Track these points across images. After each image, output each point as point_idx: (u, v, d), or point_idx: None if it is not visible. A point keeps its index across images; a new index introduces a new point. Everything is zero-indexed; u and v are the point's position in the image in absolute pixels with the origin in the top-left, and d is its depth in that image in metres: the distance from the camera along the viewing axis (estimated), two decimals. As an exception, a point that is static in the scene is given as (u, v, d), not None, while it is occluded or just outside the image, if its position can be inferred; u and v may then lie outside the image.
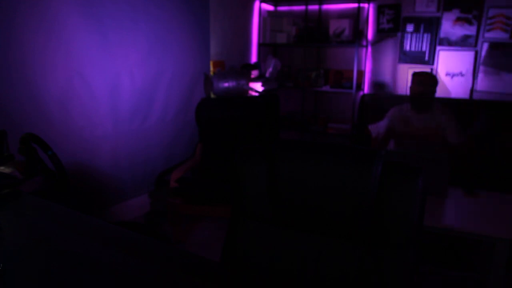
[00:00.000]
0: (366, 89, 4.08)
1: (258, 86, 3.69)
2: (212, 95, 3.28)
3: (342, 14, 4.05)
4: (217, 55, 3.61)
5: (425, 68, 3.75)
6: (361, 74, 4.04)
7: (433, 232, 1.94)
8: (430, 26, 3.66)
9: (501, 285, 1.85)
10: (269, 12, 4.36)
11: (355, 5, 3.88)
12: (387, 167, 1.01)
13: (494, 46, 3.46)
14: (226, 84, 3.19)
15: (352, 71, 3.98)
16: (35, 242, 0.93)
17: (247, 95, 3.46)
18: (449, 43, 3.62)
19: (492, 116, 3.08)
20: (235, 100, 3.14)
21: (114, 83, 2.65)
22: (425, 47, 3.71)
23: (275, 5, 4.37)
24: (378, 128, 2.91)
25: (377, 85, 4.04)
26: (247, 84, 3.53)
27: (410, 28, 3.74)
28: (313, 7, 4.18)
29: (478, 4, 3.45)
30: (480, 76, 3.56)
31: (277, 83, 4.20)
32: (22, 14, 2.09)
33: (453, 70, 3.66)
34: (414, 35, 3.74)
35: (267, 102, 3.13)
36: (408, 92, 3.83)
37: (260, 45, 4.26)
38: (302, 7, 4.23)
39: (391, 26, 3.83)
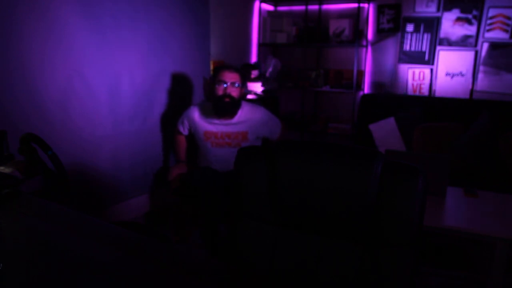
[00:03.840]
0: (366, 89, 4.08)
1: (258, 86, 3.69)
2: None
3: (342, 14, 4.05)
4: (217, 55, 3.61)
5: (425, 68, 3.75)
6: (361, 74, 4.04)
7: (433, 232, 1.94)
8: (430, 26, 3.66)
9: (501, 285, 1.85)
10: (269, 12, 4.36)
11: (355, 5, 3.88)
12: (387, 167, 1.01)
13: (494, 46, 3.46)
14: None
15: (352, 71, 3.98)
16: (35, 242, 0.93)
17: (245, 97, 3.46)
18: (449, 43, 3.62)
19: (492, 116, 3.08)
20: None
21: (114, 83, 2.65)
22: (425, 47, 3.71)
23: (275, 5, 4.37)
24: None
25: (377, 85, 4.04)
26: (246, 87, 3.54)
27: (410, 28, 3.74)
28: (313, 7, 4.18)
29: (478, 4, 3.45)
30: (480, 76, 3.56)
31: (277, 83, 4.20)
32: (22, 14, 2.09)
33: (453, 70, 3.66)
34: (414, 35, 3.74)
35: (266, 104, 3.13)
36: (408, 92, 3.85)
37: (260, 45, 4.26)
38: (302, 7, 4.23)
39: (391, 26, 3.84)
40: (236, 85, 2.40)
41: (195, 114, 2.55)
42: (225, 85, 2.38)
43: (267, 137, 2.62)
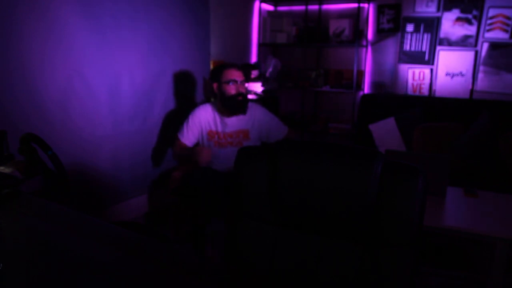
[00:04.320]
0: (366, 89, 4.08)
1: (258, 86, 3.69)
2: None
3: (342, 14, 4.05)
4: (217, 55, 3.61)
5: (425, 68, 3.75)
6: (361, 74, 4.04)
7: (433, 232, 1.94)
8: (430, 26, 3.66)
9: (501, 285, 1.85)
10: (269, 12, 4.36)
11: (355, 5, 3.88)
12: (387, 167, 1.01)
13: (494, 46, 3.46)
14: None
15: (352, 71, 3.98)
16: (35, 242, 0.93)
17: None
18: (449, 43, 3.62)
19: (492, 116, 3.08)
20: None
21: (114, 83, 2.65)
22: (425, 47, 3.72)
23: (275, 5, 4.37)
24: None
25: (377, 85, 4.04)
26: (246, 87, 3.53)
27: (410, 28, 3.74)
28: (313, 7, 4.18)
29: (478, 4, 3.45)
30: (480, 76, 3.56)
31: (277, 83, 4.20)
32: (22, 14, 2.09)
33: (453, 70, 3.66)
34: (414, 35, 3.74)
35: (265, 104, 3.13)
36: (408, 92, 3.85)
37: (260, 45, 4.26)
38: (302, 7, 4.23)
39: (391, 26, 3.84)
40: (244, 82, 2.46)
41: (202, 113, 2.53)
42: (236, 84, 2.41)
43: (266, 140, 2.56)
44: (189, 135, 2.54)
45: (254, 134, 2.51)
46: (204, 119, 2.54)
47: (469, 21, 3.51)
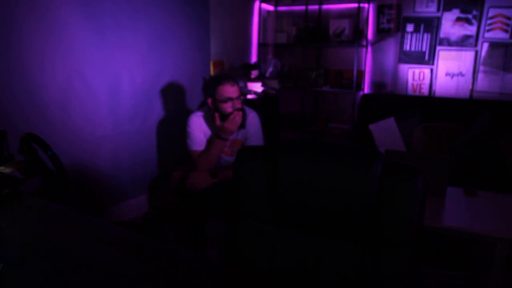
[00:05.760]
0: (366, 89, 4.08)
1: (258, 86, 3.69)
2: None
3: (342, 14, 4.05)
4: (217, 55, 3.61)
5: (425, 68, 3.75)
6: (361, 74, 4.04)
7: (433, 232, 1.94)
8: (430, 26, 3.65)
9: (501, 285, 1.85)
10: (269, 12, 4.36)
11: (355, 5, 3.88)
12: (387, 167, 1.01)
13: (494, 46, 3.46)
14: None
15: (352, 71, 3.98)
16: (35, 242, 0.93)
17: (245, 97, 3.46)
18: (449, 43, 3.62)
19: (492, 116, 3.08)
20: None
21: (114, 83, 2.65)
22: (425, 47, 3.71)
23: (275, 5, 4.37)
24: None
25: (377, 85, 4.04)
26: (246, 87, 3.52)
27: (410, 28, 3.74)
28: (313, 7, 4.18)
29: (478, 4, 3.45)
30: (480, 76, 3.56)
31: (277, 83, 4.20)
32: (22, 14, 2.09)
33: (453, 70, 3.66)
34: (414, 35, 3.74)
35: (265, 104, 3.11)
36: (408, 92, 3.85)
37: (260, 45, 4.26)
38: (302, 7, 4.23)
39: (391, 26, 3.83)
40: (240, 96, 2.35)
41: (197, 121, 2.44)
42: (232, 101, 2.28)
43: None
44: (197, 140, 2.43)
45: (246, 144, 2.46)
46: (201, 126, 2.45)
47: (469, 21, 3.51)
